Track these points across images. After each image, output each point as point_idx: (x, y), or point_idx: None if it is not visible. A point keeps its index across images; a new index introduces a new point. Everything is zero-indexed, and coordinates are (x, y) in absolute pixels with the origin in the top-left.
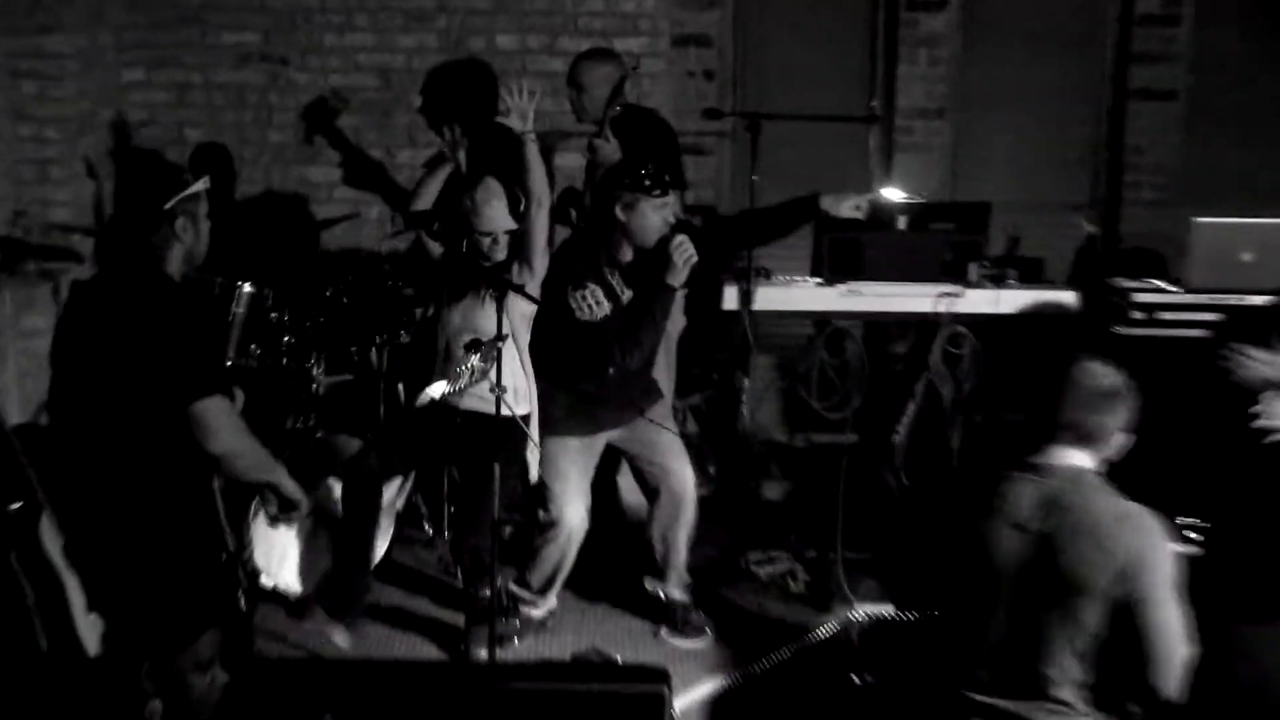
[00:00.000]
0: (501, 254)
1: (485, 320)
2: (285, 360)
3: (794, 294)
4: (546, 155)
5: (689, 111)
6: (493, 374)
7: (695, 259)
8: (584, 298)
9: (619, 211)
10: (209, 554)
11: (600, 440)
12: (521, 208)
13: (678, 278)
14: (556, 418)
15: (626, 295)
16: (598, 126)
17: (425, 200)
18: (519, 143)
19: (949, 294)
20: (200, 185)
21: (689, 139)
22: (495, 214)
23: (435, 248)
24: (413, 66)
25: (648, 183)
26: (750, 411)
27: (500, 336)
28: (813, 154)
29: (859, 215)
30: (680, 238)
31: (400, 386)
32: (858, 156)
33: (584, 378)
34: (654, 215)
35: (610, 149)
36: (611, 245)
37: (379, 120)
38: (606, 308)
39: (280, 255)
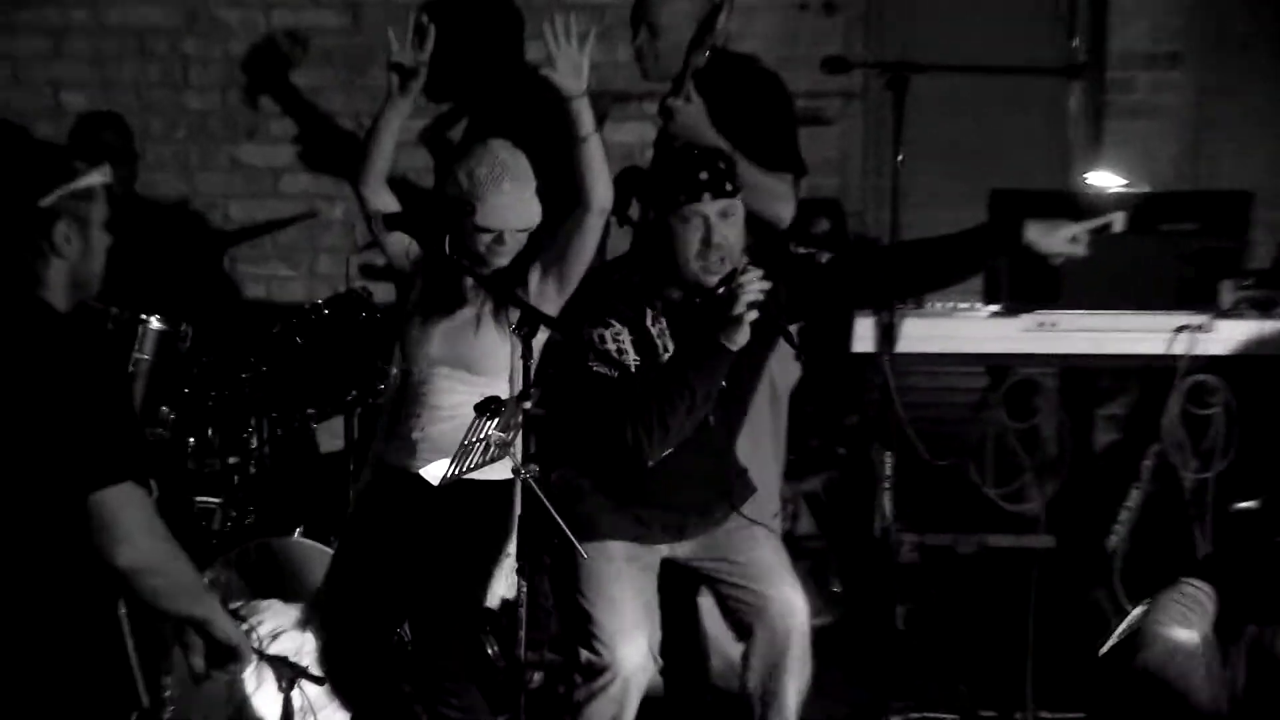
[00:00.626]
0: (504, 259)
1: (481, 353)
2: (211, 428)
3: (958, 329)
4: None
5: (799, 61)
6: (517, 446)
7: (757, 295)
8: (602, 340)
9: (672, 222)
10: (111, 715)
11: (657, 554)
12: (567, 210)
13: (734, 336)
14: (587, 515)
15: (669, 351)
16: (674, 83)
17: (380, 161)
18: (564, 112)
19: (1191, 328)
20: (95, 178)
21: (800, 102)
22: (507, 202)
23: (399, 246)
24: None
25: (703, 175)
26: (893, 502)
27: (527, 391)
28: (985, 124)
29: (1078, 252)
30: (751, 273)
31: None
32: (1051, 126)
33: (608, 464)
34: (687, 232)
35: (693, 113)
36: (656, 273)
37: (346, 77)
38: (631, 360)
39: (203, 276)
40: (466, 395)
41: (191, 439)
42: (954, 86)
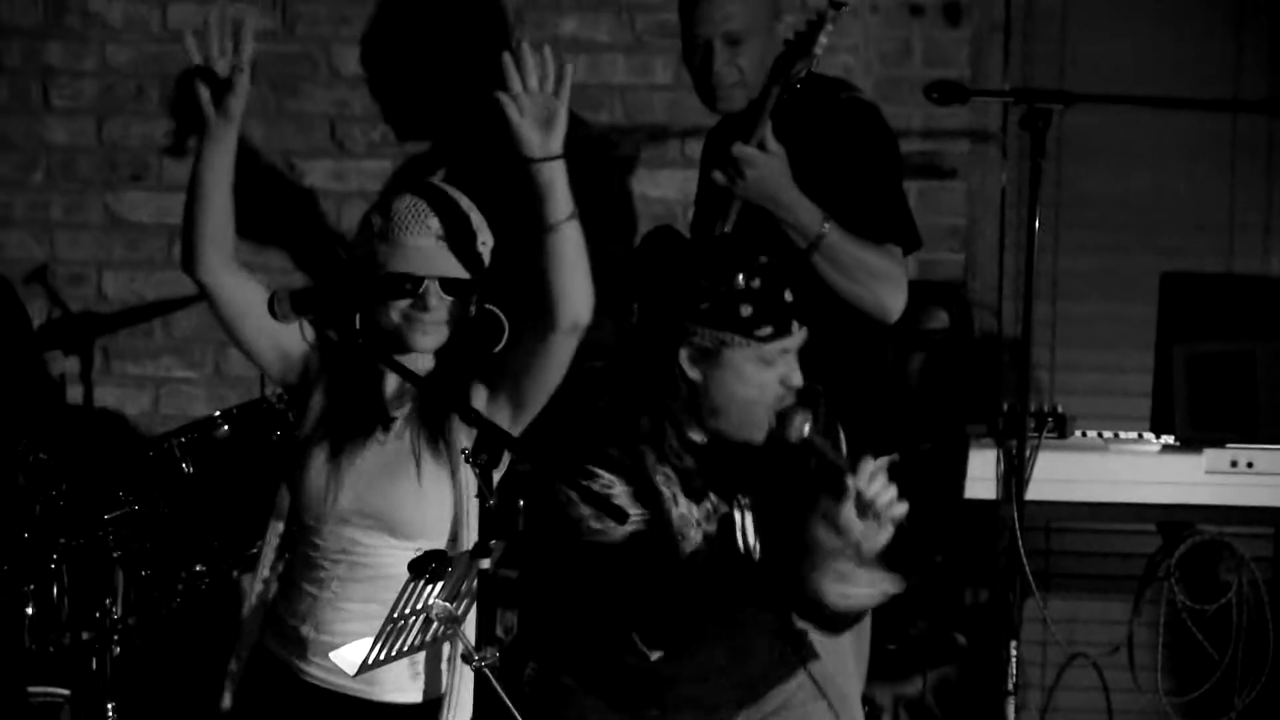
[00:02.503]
0: (429, 337)
1: (411, 503)
2: (59, 590)
3: (1116, 469)
4: (621, 179)
5: (909, 86)
6: (469, 626)
7: (897, 512)
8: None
9: (687, 364)
10: None
11: None
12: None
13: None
14: (567, 706)
15: (686, 512)
16: (743, 122)
17: (212, 226)
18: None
19: None
20: None
21: (912, 144)
22: (433, 245)
23: (291, 331)
24: None
25: (747, 310)
26: (1020, 707)
27: (485, 545)
28: (1161, 177)
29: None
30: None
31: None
32: (1251, 181)
33: (599, 656)
34: (761, 374)
35: (773, 168)
36: (662, 425)
37: (271, 99)
38: (633, 521)
39: (53, 377)
40: (391, 559)
41: (30, 606)
42: (1126, 127)
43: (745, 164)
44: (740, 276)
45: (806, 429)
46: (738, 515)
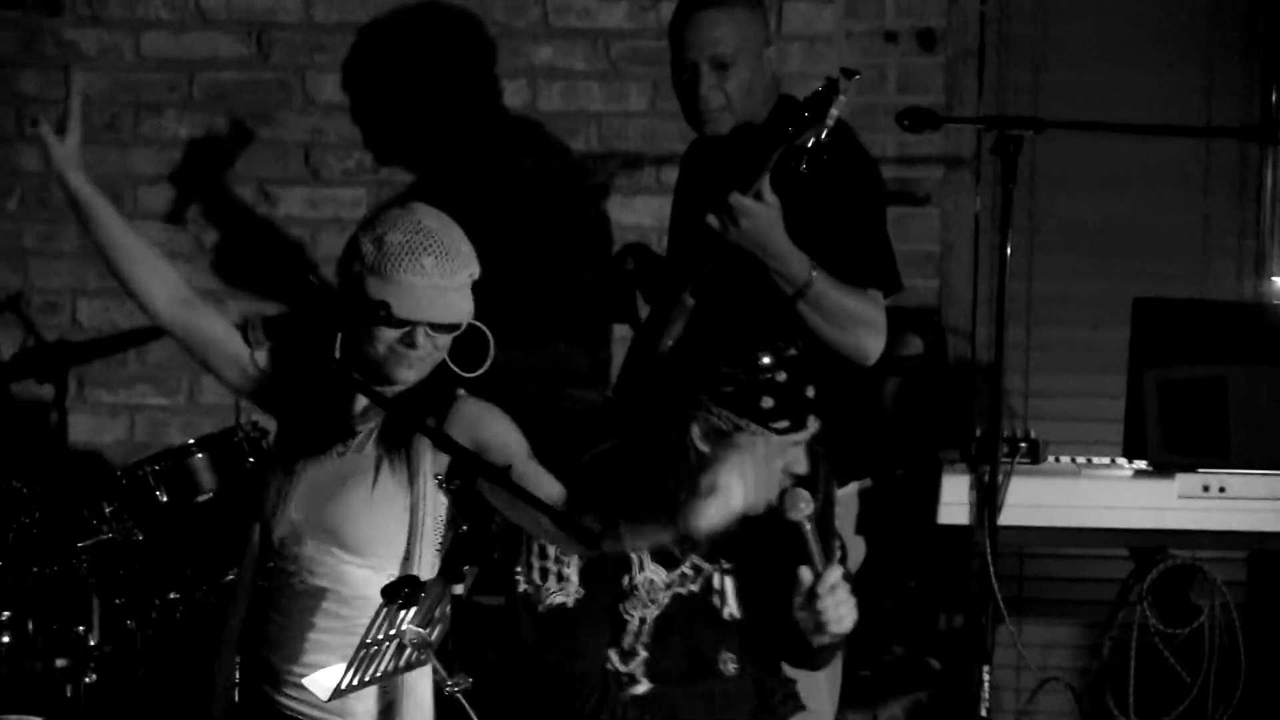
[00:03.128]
0: (412, 372)
1: (361, 519)
2: (31, 619)
3: (1088, 494)
4: (596, 206)
5: (881, 109)
6: (433, 657)
7: (846, 621)
8: (544, 555)
9: (697, 439)
10: None
11: None
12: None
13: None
14: None
15: (650, 576)
16: (743, 174)
17: (124, 260)
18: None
19: None
20: None
21: (886, 170)
22: (427, 285)
23: (225, 351)
24: (315, 18)
25: (769, 403)
26: None
27: (459, 573)
28: (1134, 202)
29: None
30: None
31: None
32: (1223, 206)
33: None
34: (770, 462)
35: (768, 218)
36: (676, 471)
37: (247, 125)
38: (571, 592)
39: (32, 403)
40: (344, 575)
41: (4, 634)
42: (1100, 153)
43: (740, 214)
44: (767, 366)
45: (808, 512)
46: (717, 578)
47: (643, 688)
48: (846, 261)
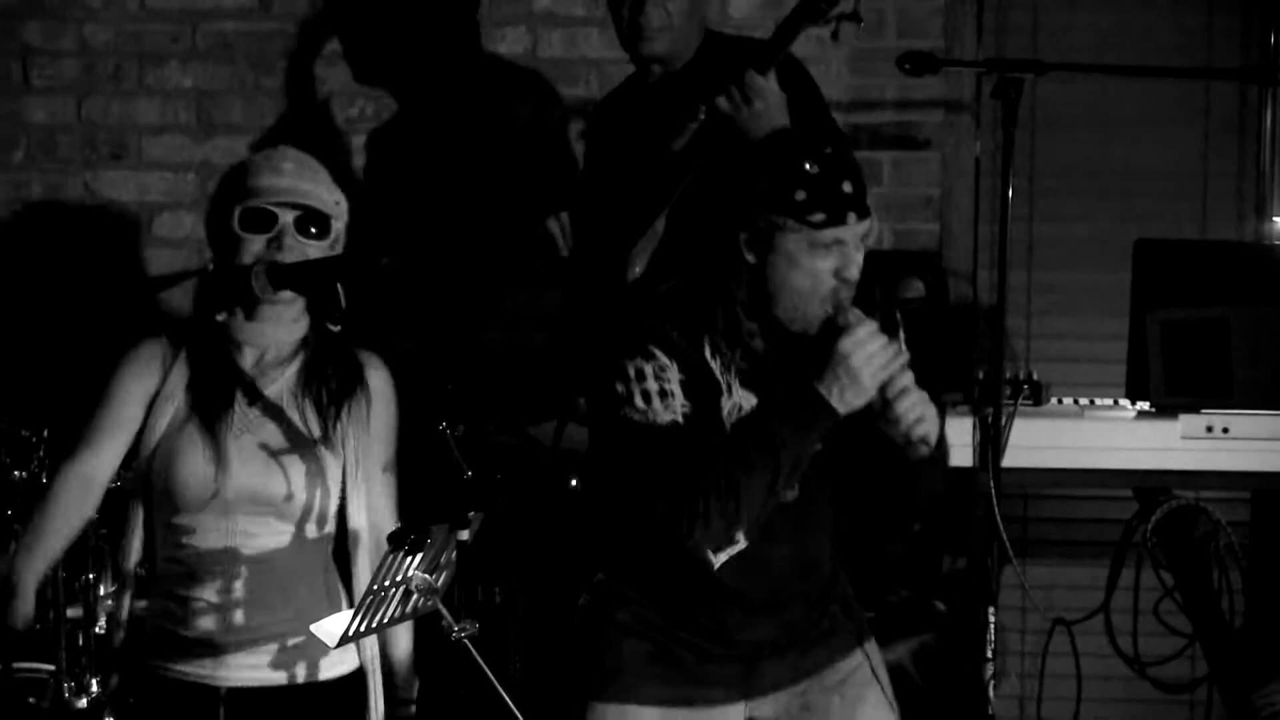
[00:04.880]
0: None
1: (290, 476)
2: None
3: (1092, 435)
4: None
5: (881, 55)
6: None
7: (903, 362)
8: (640, 376)
9: (744, 247)
10: None
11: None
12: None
13: (849, 395)
14: (614, 668)
15: (741, 402)
16: (761, 56)
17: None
18: None
19: None
20: None
21: (886, 114)
22: (288, 179)
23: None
24: None
25: (847, 187)
26: (999, 672)
27: (464, 519)
28: (1134, 144)
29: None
30: (865, 326)
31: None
32: (1223, 148)
33: (657, 565)
34: (814, 261)
35: (777, 101)
36: (726, 310)
37: (249, 77)
38: (679, 408)
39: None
40: (277, 544)
41: None
42: (1100, 95)
43: (754, 93)
44: (798, 159)
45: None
46: None
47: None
48: None
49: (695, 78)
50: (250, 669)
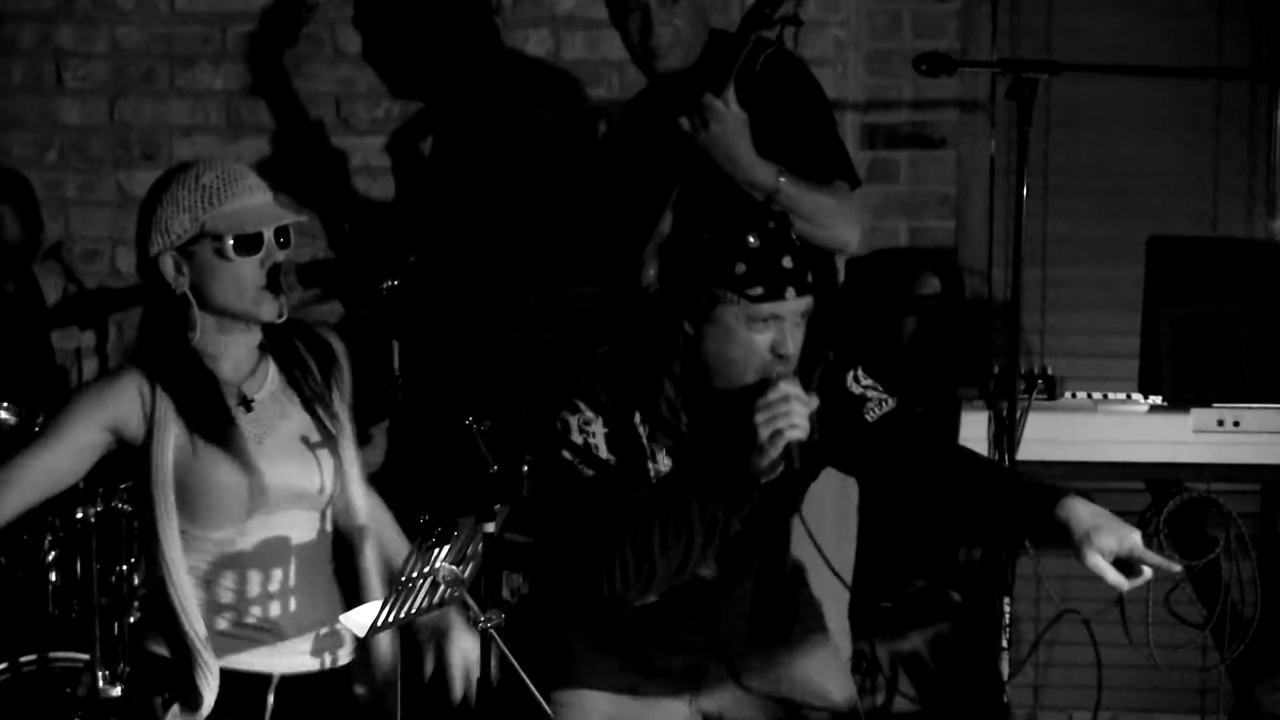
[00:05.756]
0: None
1: (310, 468)
2: (80, 557)
3: (1104, 429)
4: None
5: (897, 55)
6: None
7: (797, 433)
8: (565, 427)
9: (683, 318)
10: None
11: (673, 710)
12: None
13: (757, 460)
14: (571, 656)
15: (665, 471)
16: (681, 88)
17: None
18: None
19: None
20: None
21: (902, 114)
22: (262, 200)
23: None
24: None
25: (741, 268)
26: (1014, 664)
27: (490, 511)
28: (1146, 144)
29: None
30: (783, 389)
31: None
32: (1234, 146)
33: (594, 606)
34: (750, 335)
35: (735, 123)
36: (658, 384)
37: (279, 74)
38: (600, 463)
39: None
40: (304, 529)
41: (54, 573)
42: (1112, 95)
43: (713, 116)
44: (739, 231)
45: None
46: None
47: None
48: (809, 160)
49: (695, 78)
50: (300, 655)
